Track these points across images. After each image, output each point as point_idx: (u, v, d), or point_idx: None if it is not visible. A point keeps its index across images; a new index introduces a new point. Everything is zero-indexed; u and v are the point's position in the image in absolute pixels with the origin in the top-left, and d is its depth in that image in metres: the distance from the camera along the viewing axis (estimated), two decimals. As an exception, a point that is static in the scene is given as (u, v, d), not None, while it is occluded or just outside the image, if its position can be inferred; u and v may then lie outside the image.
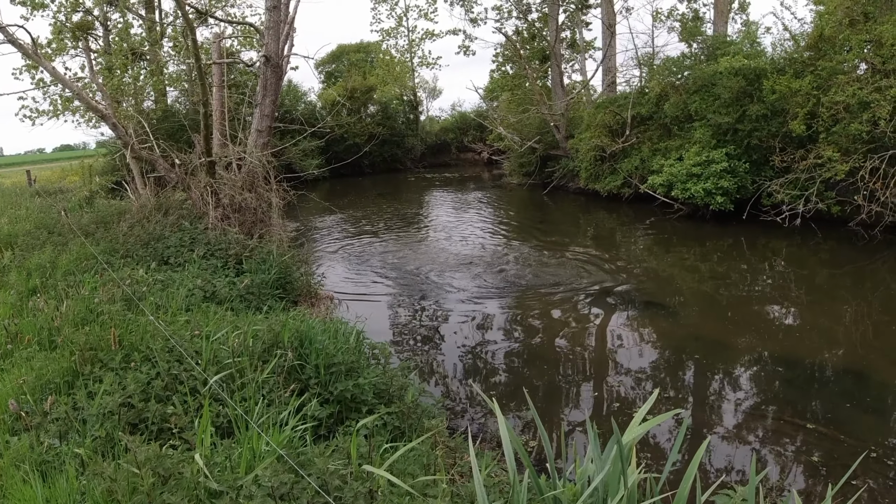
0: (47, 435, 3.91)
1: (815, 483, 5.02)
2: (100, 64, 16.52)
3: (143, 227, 10.30)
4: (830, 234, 13.86)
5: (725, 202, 15.51)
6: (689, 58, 19.49)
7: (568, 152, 23.59)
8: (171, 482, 2.90)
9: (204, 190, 10.84)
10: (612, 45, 24.19)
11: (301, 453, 3.23)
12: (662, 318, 9.21)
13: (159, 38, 19.02)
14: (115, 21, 19.53)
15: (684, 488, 2.72)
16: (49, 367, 4.83)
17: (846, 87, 13.33)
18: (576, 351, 8.16)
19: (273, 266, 9.01)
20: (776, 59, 16.45)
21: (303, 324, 5.64)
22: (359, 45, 46.11)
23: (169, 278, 7.85)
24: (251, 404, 4.04)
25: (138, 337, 5.24)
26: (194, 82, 19.55)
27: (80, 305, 6.25)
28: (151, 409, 4.03)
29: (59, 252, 9.35)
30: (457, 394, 7.01)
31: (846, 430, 5.77)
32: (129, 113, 15.29)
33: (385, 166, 36.56)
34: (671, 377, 7.16)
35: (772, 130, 15.36)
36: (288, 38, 11.79)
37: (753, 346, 7.95)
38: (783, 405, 6.35)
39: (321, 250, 15.45)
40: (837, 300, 9.96)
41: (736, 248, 13.66)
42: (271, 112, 11.51)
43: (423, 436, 3.81)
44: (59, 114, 15.17)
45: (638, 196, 18.92)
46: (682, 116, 18.23)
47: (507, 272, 12.42)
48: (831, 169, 13.45)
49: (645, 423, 2.98)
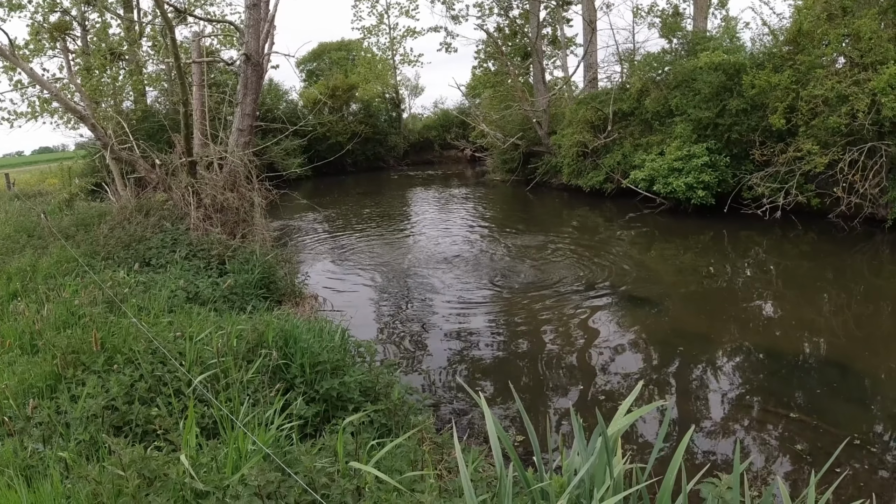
0: (31, 440, 3.87)
1: (799, 470, 5.08)
2: (78, 64, 16.35)
3: (124, 229, 10.21)
4: (810, 227, 14.03)
5: (706, 196, 15.64)
6: (669, 53, 19.63)
7: (550, 149, 23.67)
8: (157, 484, 2.88)
9: (185, 190, 10.75)
10: (594, 42, 24.29)
11: (287, 452, 3.22)
12: (646, 311, 9.27)
13: (138, 37, 18.84)
14: (92, 21, 19.30)
15: (670, 477, 2.74)
16: (31, 371, 4.78)
17: (825, 80, 13.47)
18: (560, 345, 8.20)
19: (256, 266, 8.96)
20: (755, 54, 16.60)
21: (287, 323, 5.63)
22: (340, 43, 45.96)
23: (151, 280, 7.79)
24: (236, 404, 4.02)
25: (121, 339, 5.19)
26: (174, 82, 19.37)
27: (62, 309, 6.19)
28: (135, 412, 4.01)
29: (40, 255, 9.25)
30: (443, 390, 7.02)
31: (829, 419, 5.84)
32: (108, 114, 15.12)
33: (368, 165, 36.49)
34: (656, 370, 7.22)
35: (752, 125, 15.51)
36: (268, 36, 11.71)
37: (736, 338, 8.03)
38: (767, 395, 6.43)
39: (305, 249, 15.40)
40: (818, 291, 10.08)
41: (717, 241, 13.79)
42: (252, 111, 11.43)
43: (409, 432, 3.82)
44: (37, 115, 15.02)
45: (620, 191, 19.03)
46: (663, 112, 18.36)
47: (491, 268, 12.45)
48: (811, 162, 13.60)
49: (629, 414, 3.01)
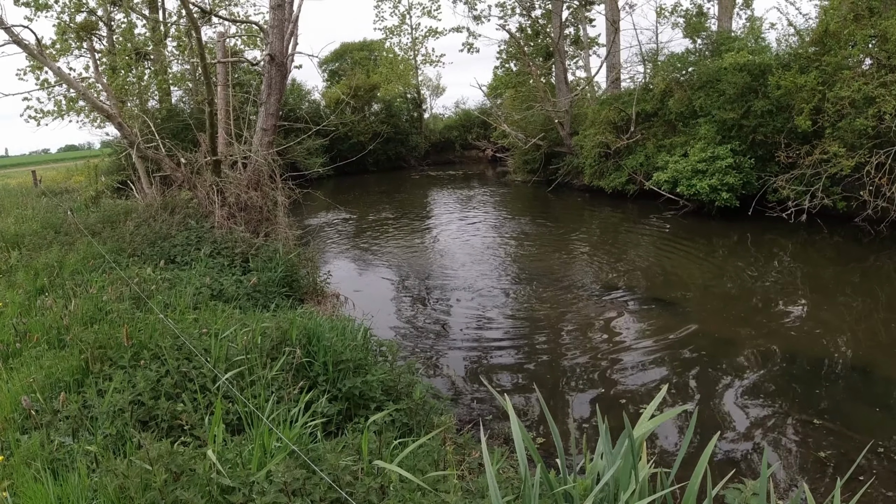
0: (58, 433, 3.93)
1: (822, 477, 5.01)
2: (104, 64, 16.57)
3: (150, 226, 10.34)
4: (836, 230, 13.82)
5: (731, 198, 15.47)
6: (693, 54, 19.44)
7: (572, 149, 23.56)
8: (184, 478, 2.91)
9: (209, 189, 10.86)
10: (616, 42, 24.15)
11: (312, 449, 3.24)
12: (669, 314, 9.20)
13: (163, 37, 19.05)
14: (118, 21, 19.55)
15: (694, 482, 2.73)
16: (58, 365, 4.85)
17: (851, 82, 13.28)
18: (582, 347, 8.16)
19: (279, 264, 9.03)
20: (781, 55, 16.39)
21: (310, 321, 5.66)
22: (362, 44, 46.06)
23: (176, 277, 7.88)
24: (261, 401, 4.06)
25: (147, 335, 5.26)
26: (199, 82, 19.60)
27: (89, 304, 6.28)
28: (162, 407, 4.06)
29: (66, 251, 9.39)
30: (464, 390, 7.02)
31: (853, 426, 5.76)
32: (133, 112, 15.32)
33: (389, 164, 36.58)
34: (679, 374, 7.16)
35: (777, 126, 15.32)
36: (292, 36, 11.80)
37: (760, 342, 7.94)
38: (790, 401, 6.35)
39: (327, 248, 15.48)
40: (843, 296, 9.94)
41: (742, 244, 13.64)
42: (276, 111, 11.52)
43: (431, 432, 3.82)
44: (63, 114, 15.24)
45: (643, 193, 18.89)
46: (687, 112, 18.19)
47: (511, 269, 12.43)
48: (837, 164, 13.40)
49: (654, 418, 2.99)
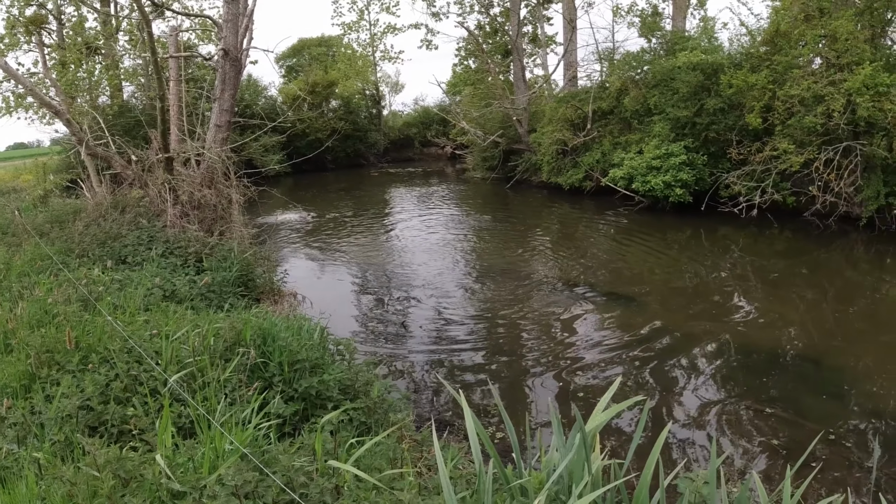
0: (5, 440, 3.80)
1: (775, 465, 5.15)
2: (54, 59, 16.07)
3: (100, 226, 10.08)
4: (786, 225, 14.23)
5: (684, 194, 15.80)
6: (648, 53, 19.77)
7: (530, 146, 23.74)
8: (133, 484, 2.84)
9: (161, 187, 10.61)
10: (573, 40, 24.43)
11: (266, 451, 3.19)
12: (625, 308, 9.34)
13: (114, 31, 18.56)
14: (69, 15, 19.00)
15: (647, 473, 2.76)
16: (5, 370, 4.69)
17: (801, 81, 13.65)
18: (540, 342, 8.23)
19: (234, 263, 8.88)
20: (733, 54, 16.80)
21: (265, 321, 5.57)
22: (320, 39, 45.63)
23: (127, 278, 7.68)
24: (213, 403, 3.98)
25: (96, 338, 5.11)
26: (151, 77, 19.13)
27: (36, 307, 6.09)
28: (111, 412, 3.95)
29: (13, 253, 9.11)
30: (423, 387, 7.01)
31: (805, 414, 5.93)
32: (83, 109, 14.89)
33: (348, 162, 36.31)
34: (634, 366, 7.27)
35: (729, 124, 15.70)
36: (247, 31, 11.60)
37: (714, 335, 8.11)
38: (744, 391, 6.51)
39: (284, 247, 15.30)
40: (794, 288, 10.23)
41: (695, 239, 13.94)
42: (230, 107, 11.32)
43: (388, 430, 3.80)
44: (11, 111, 14.74)
45: (599, 189, 19.14)
46: (642, 110, 18.50)
47: (470, 266, 12.47)
48: (786, 161, 13.78)
49: (608, 410, 3.02)
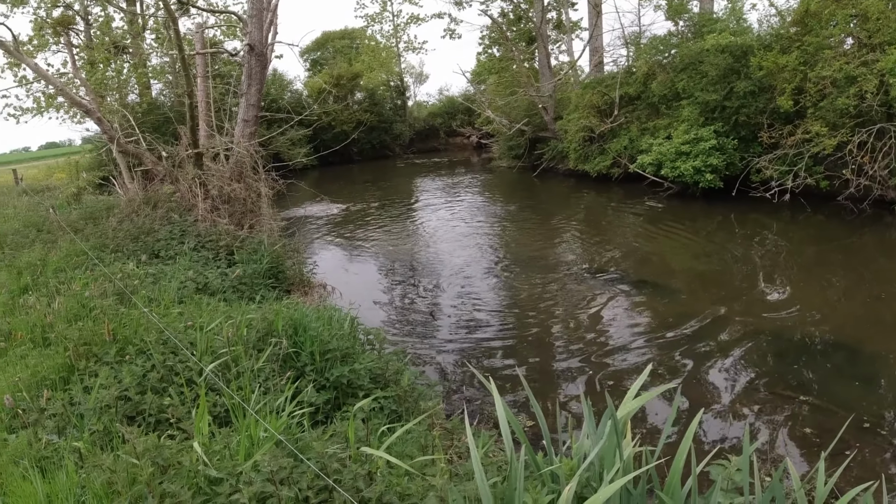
0: (45, 431, 3.91)
1: (808, 453, 5.09)
2: (82, 59, 16.35)
3: (133, 222, 10.26)
4: (819, 209, 13.94)
5: (714, 180, 15.56)
6: (675, 36, 19.48)
7: (556, 134, 23.57)
8: (171, 471, 2.91)
9: (192, 182, 10.78)
10: (599, 25, 24.13)
11: (299, 439, 3.25)
12: (655, 295, 9.26)
13: (141, 30, 18.82)
14: (96, 15, 19.28)
15: (679, 459, 2.75)
16: (44, 363, 4.82)
17: (832, 61, 13.34)
18: (570, 330, 8.21)
19: (264, 256, 9.00)
20: (762, 36, 16.45)
21: (296, 312, 5.65)
22: (343, 32, 45.78)
23: (160, 271, 7.83)
24: (247, 392, 4.05)
25: (132, 330, 5.23)
26: (178, 74, 19.40)
27: (73, 301, 6.24)
28: (148, 401, 4.04)
29: (49, 250, 9.32)
30: (453, 376, 7.05)
31: (838, 402, 5.84)
32: (113, 107, 15.15)
33: (374, 153, 36.45)
34: (665, 353, 7.22)
35: (759, 107, 15.40)
36: (271, 26, 11.69)
37: (746, 322, 8.01)
38: (776, 378, 6.42)
39: (313, 239, 15.43)
40: (827, 274, 10.03)
41: (726, 224, 13.73)
42: (257, 101, 11.43)
43: (419, 417, 3.84)
44: (42, 111, 15.04)
45: (627, 176, 18.96)
46: (670, 95, 18.24)
47: (498, 254, 12.46)
48: (819, 144, 13.49)
49: (638, 397, 3.01)
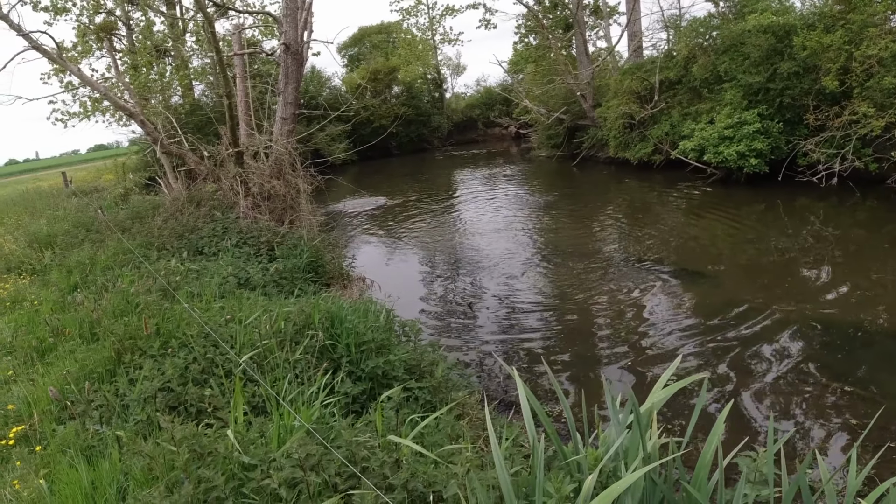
0: (91, 421, 4.09)
1: (848, 445, 4.96)
2: (125, 63, 16.81)
3: (177, 220, 10.55)
4: (869, 193, 13.49)
5: (759, 164, 15.17)
6: (716, 17, 19.02)
7: (596, 121, 23.29)
8: (207, 458, 3.02)
9: (233, 180, 11.02)
10: (637, 9, 23.71)
11: (331, 428, 3.32)
12: (698, 284, 9.11)
13: (182, 33, 19.24)
14: (137, 20, 19.79)
15: (707, 451, 2.73)
16: (91, 357, 5.03)
17: (878, 39, 12.87)
18: (610, 319, 8.14)
19: (304, 251, 9.16)
20: (805, 15, 15.93)
21: (333, 305, 5.75)
22: (379, 27, 45.99)
23: (203, 268, 8.05)
24: (283, 383, 4.16)
25: (175, 325, 5.41)
26: (219, 75, 19.78)
27: (119, 298, 6.47)
28: (189, 392, 4.18)
29: (97, 249, 9.64)
30: (490, 368, 7.07)
31: (885, 392, 5.67)
32: (157, 109, 15.55)
33: (412, 146, 36.61)
34: (708, 343, 7.11)
35: (804, 88, 14.94)
36: (306, 24, 11.83)
37: (791, 310, 7.82)
38: (822, 368, 6.27)
39: (352, 233, 15.60)
40: (877, 261, 9.71)
41: (772, 210, 13.39)
42: (294, 99, 11.60)
43: (446, 406, 3.88)
44: (89, 115, 15.46)
45: (669, 162, 18.64)
46: (712, 78, 17.83)
47: (537, 244, 12.41)
48: (867, 125, 13.04)
49: (667, 388, 2.99)
